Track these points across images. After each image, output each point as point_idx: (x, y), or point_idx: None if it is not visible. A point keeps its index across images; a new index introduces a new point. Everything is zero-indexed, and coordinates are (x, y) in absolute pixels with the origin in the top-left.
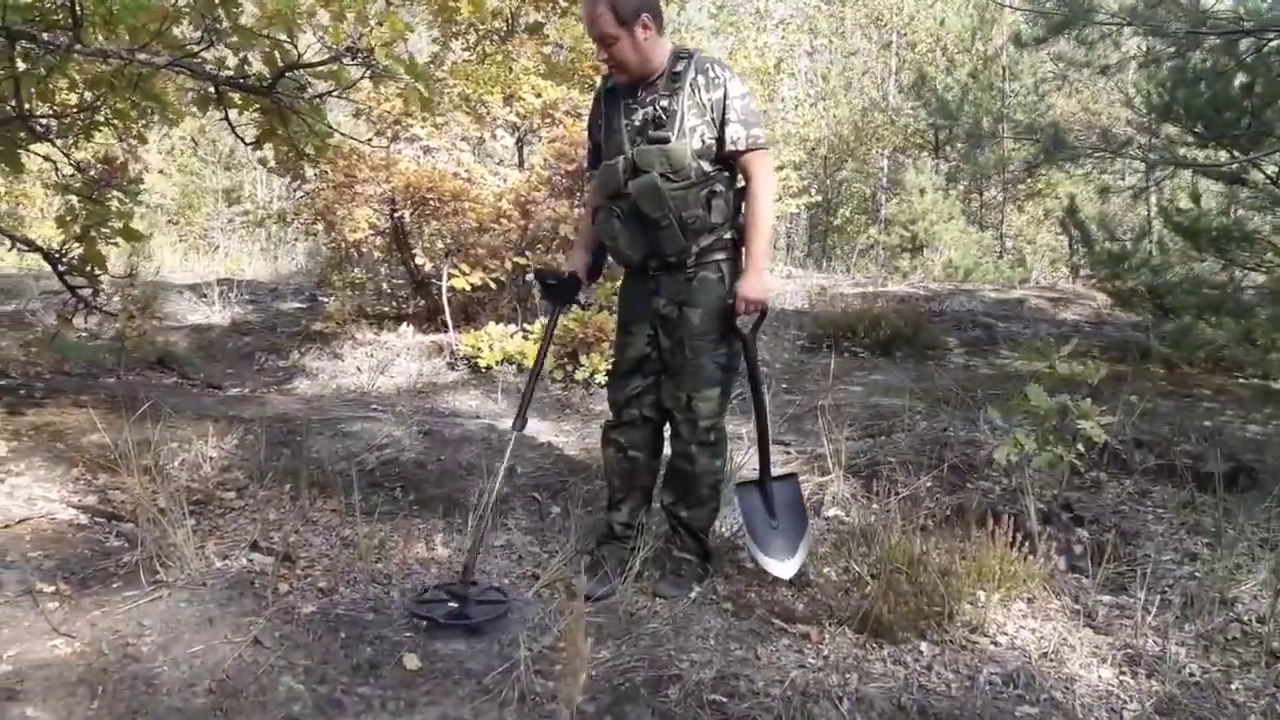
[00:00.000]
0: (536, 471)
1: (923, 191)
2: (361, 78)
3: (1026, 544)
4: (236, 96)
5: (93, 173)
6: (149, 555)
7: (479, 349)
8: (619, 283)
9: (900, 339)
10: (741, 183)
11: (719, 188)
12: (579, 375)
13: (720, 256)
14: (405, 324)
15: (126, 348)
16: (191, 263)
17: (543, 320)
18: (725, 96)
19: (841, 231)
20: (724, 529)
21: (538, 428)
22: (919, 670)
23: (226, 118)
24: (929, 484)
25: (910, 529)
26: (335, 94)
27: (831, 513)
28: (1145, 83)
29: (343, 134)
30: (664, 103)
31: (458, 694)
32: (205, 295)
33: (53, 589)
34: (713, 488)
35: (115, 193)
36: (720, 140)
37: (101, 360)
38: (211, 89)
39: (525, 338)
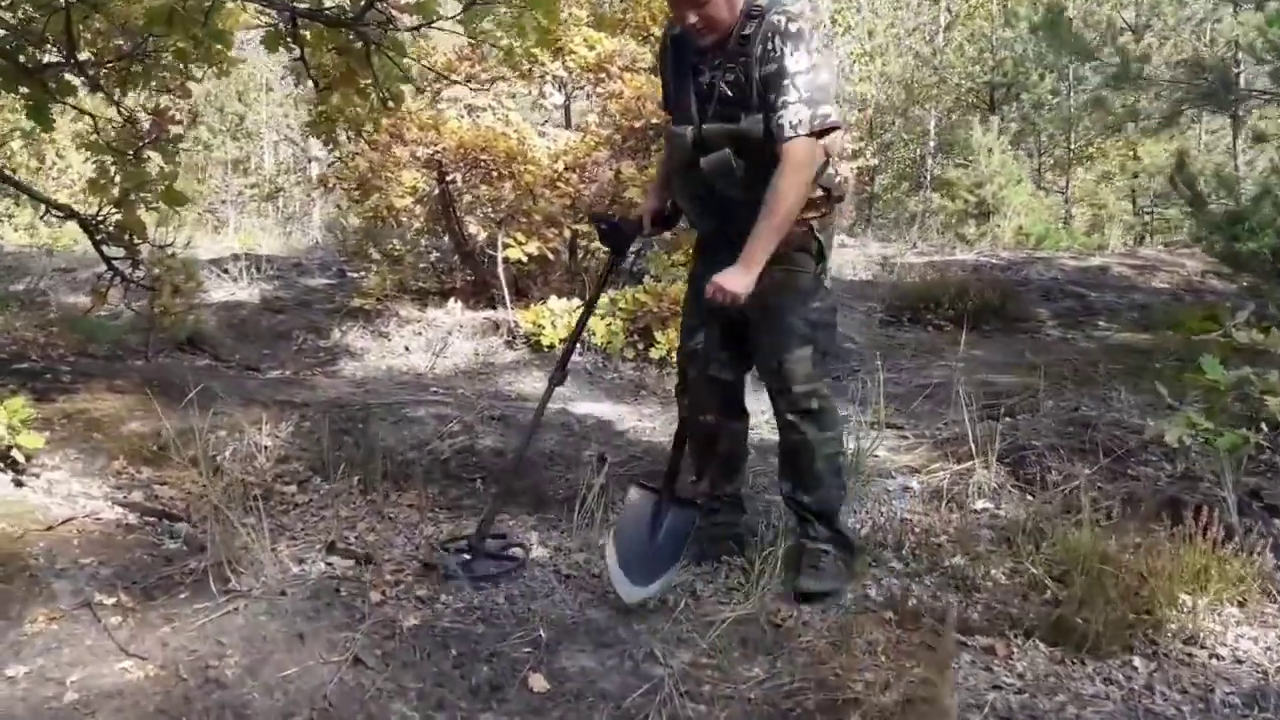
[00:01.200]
0: (629, 461)
1: (990, 152)
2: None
3: (1225, 539)
4: (308, 34)
5: (142, 126)
6: (217, 560)
7: (540, 326)
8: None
9: (989, 311)
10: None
11: (809, 216)
12: (653, 354)
13: (808, 215)
14: (453, 299)
15: (156, 327)
16: (201, 238)
17: (610, 292)
18: (781, 74)
19: (881, 199)
20: (861, 523)
21: (616, 412)
22: (1138, 691)
23: (302, 57)
24: (1087, 471)
25: (1079, 523)
26: (426, 26)
27: (980, 505)
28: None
29: (427, 66)
30: (730, 76)
31: None
32: (228, 271)
33: (113, 601)
34: (830, 463)
35: (150, 152)
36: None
37: (125, 341)
38: (285, 23)
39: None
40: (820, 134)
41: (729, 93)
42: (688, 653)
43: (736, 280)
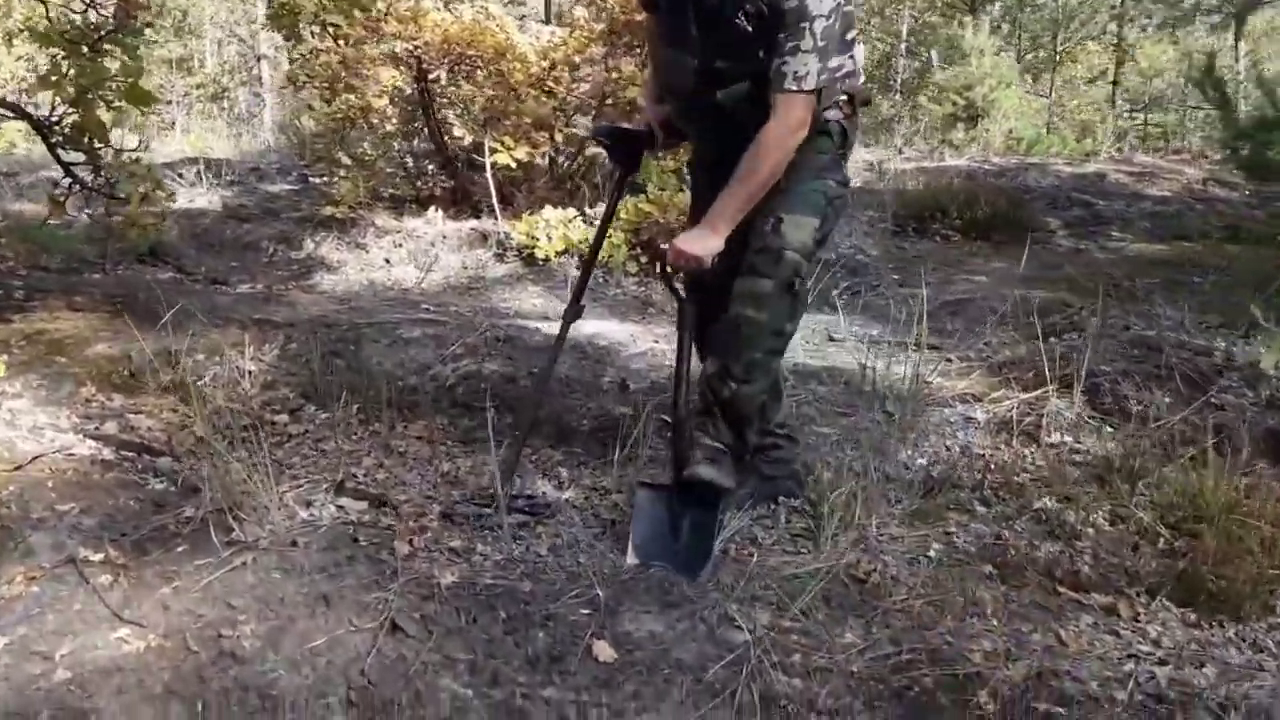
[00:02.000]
0: (652, 388)
1: (982, 53)
2: None
3: None
4: None
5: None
6: (218, 506)
7: (535, 239)
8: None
9: (999, 220)
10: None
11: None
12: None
13: (832, 116)
14: (433, 208)
15: (116, 238)
16: (148, 140)
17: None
18: (801, 13)
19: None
20: (925, 457)
21: (627, 332)
22: None
23: None
24: (1168, 400)
25: (1179, 460)
26: None
27: (1057, 438)
28: None
29: None
30: (751, 7)
31: (673, 696)
32: (183, 176)
33: (100, 556)
34: (768, 360)
35: (110, 45)
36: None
37: (80, 252)
38: None
39: (590, 225)
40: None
41: (747, 27)
42: (765, 613)
43: (700, 243)
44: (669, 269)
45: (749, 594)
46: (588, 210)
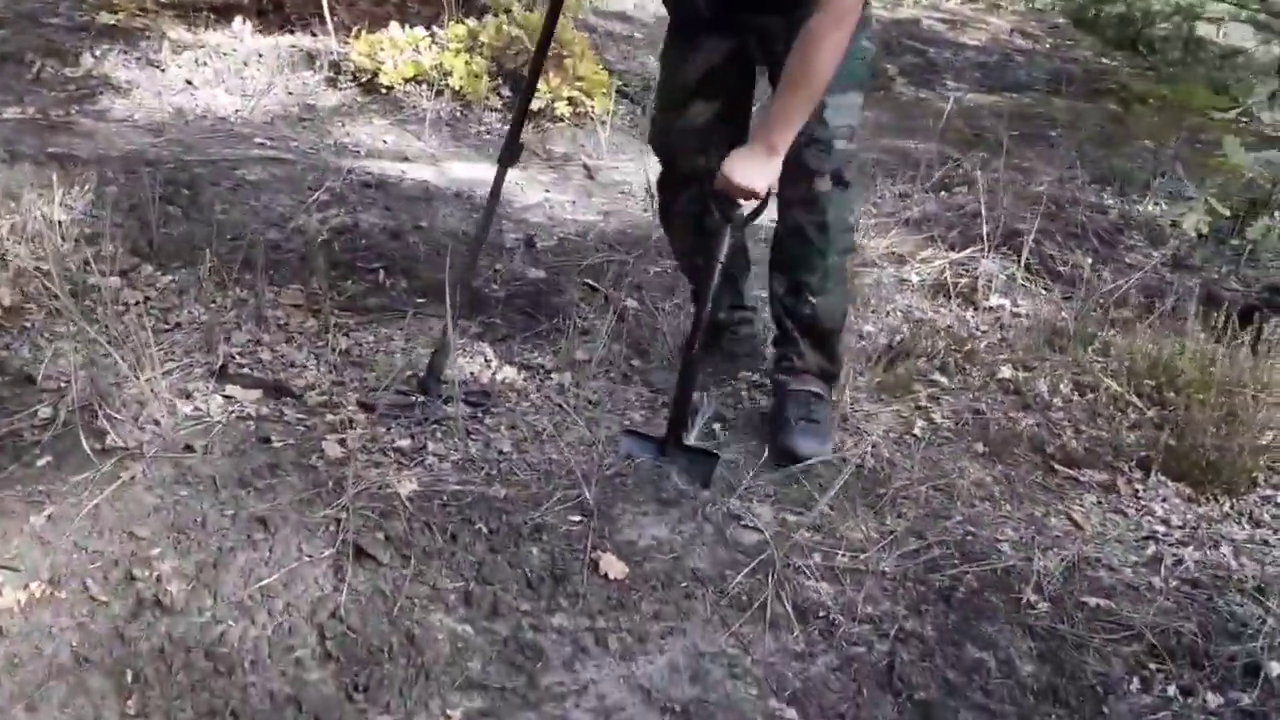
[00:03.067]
0: (562, 246)
1: None
2: None
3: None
4: None
5: None
6: (84, 403)
7: (379, 62)
8: None
9: None
10: None
11: None
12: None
13: None
14: (239, 19)
15: None
16: None
17: (468, 22)
18: None
19: None
20: (867, 322)
21: (511, 179)
22: None
23: None
24: (1089, 261)
25: (1124, 324)
26: None
27: (995, 301)
28: None
29: None
30: None
31: (698, 613)
32: None
33: None
34: (843, 261)
35: None
36: None
37: None
38: None
39: (443, 48)
40: None
41: None
42: (767, 508)
43: (758, 169)
44: (716, 198)
45: (741, 483)
46: (438, 29)
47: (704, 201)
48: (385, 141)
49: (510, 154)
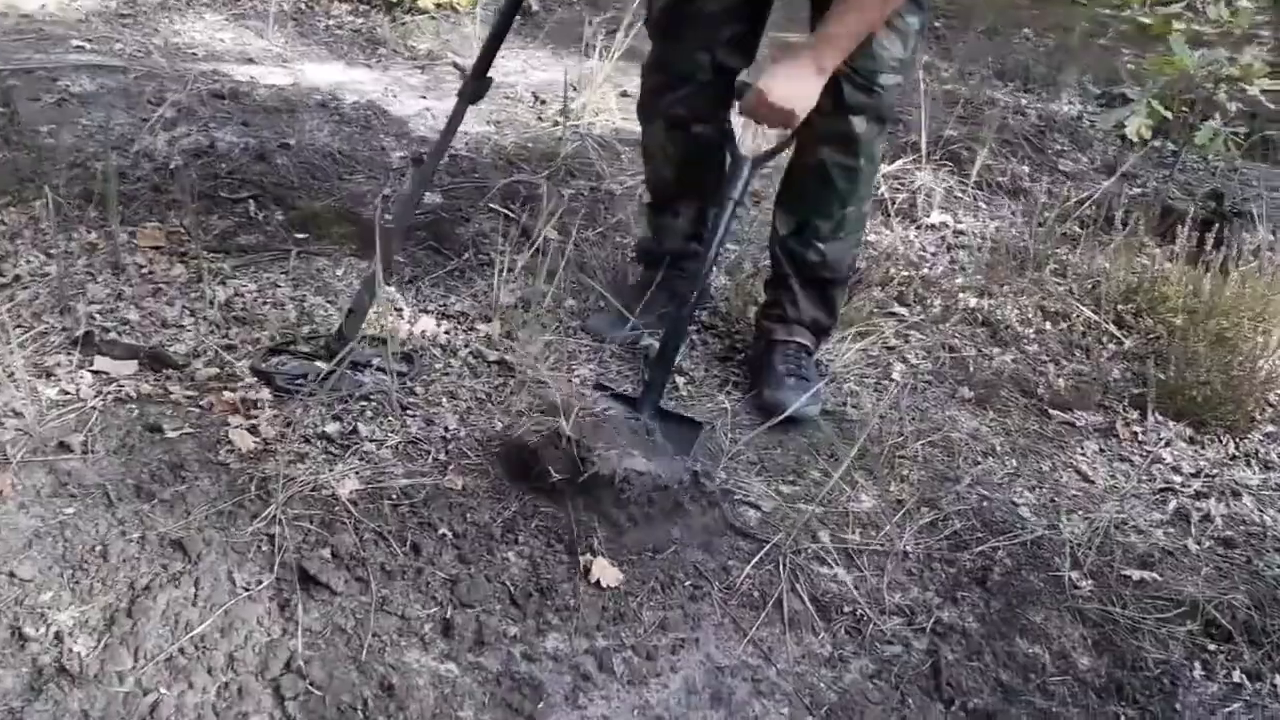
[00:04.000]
0: (459, 167)
1: None
2: None
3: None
4: None
5: None
6: None
7: None
8: None
9: None
10: None
11: None
12: None
13: None
14: None
15: None
16: None
17: None
18: None
19: None
20: None
21: (375, 81)
22: None
23: None
24: (1027, 170)
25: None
26: None
27: (936, 219)
28: None
29: None
30: None
31: (710, 618)
32: None
33: None
34: (862, 209)
35: None
36: None
37: None
38: None
39: None
40: None
41: None
42: (759, 480)
43: (801, 87)
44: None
45: (720, 449)
46: None
47: (692, 107)
48: (223, 40)
49: (479, 88)
